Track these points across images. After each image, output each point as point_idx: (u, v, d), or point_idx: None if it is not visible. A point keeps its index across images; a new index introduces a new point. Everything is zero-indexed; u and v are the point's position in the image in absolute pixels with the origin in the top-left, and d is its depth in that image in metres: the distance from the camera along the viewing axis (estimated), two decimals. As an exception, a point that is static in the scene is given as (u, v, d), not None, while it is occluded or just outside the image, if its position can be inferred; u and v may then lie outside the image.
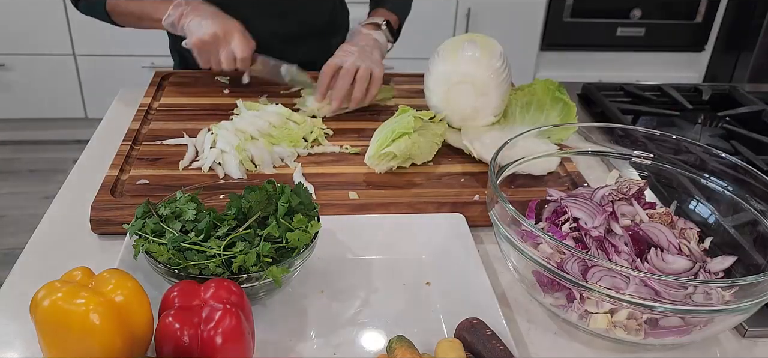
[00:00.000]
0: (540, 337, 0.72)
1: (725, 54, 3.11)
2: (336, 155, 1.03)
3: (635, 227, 0.76)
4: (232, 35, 1.11)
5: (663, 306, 0.62)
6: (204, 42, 1.10)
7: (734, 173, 0.80)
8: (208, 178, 0.94)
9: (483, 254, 0.83)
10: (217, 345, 0.58)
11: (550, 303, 0.71)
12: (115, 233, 0.84)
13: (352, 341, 0.69)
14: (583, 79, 1.41)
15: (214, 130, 1.01)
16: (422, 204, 0.90)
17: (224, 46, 1.11)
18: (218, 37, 1.10)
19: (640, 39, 3.03)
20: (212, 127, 1.03)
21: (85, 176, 0.96)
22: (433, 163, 1.01)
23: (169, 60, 1.45)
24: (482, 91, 1.03)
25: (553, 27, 2.93)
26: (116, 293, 0.59)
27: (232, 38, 1.11)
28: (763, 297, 0.62)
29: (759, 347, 0.73)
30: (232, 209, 0.73)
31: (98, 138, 1.10)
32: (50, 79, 2.77)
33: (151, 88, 1.21)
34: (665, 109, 1.30)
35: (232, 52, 1.11)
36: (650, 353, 0.71)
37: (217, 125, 1.03)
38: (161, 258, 0.67)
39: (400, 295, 0.76)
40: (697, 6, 2.99)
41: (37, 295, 0.58)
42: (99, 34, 2.68)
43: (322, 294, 0.75)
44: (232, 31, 1.11)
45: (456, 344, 0.64)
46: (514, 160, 0.85)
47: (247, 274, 0.66)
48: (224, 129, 1.00)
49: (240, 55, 1.11)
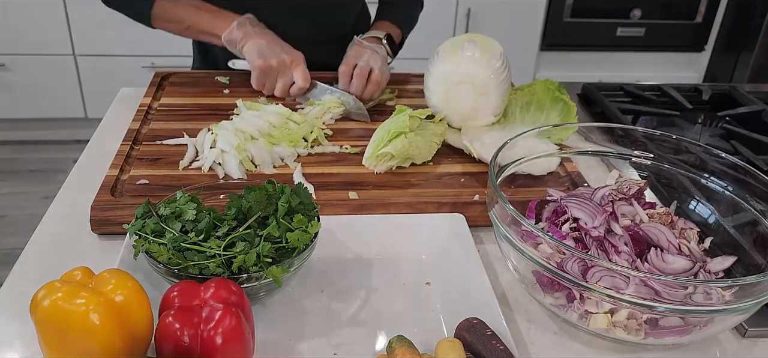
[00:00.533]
0: (540, 337, 0.72)
1: (725, 54, 3.11)
2: (336, 155, 1.03)
3: (635, 227, 0.76)
4: (297, 64, 1.16)
5: (663, 306, 0.62)
6: (270, 67, 1.15)
7: (734, 173, 0.80)
8: (208, 178, 0.94)
9: (483, 254, 0.83)
10: (217, 345, 0.58)
11: (550, 303, 0.71)
12: (115, 233, 0.84)
13: (352, 341, 0.69)
14: (583, 79, 1.41)
15: (214, 130, 1.02)
16: (422, 204, 0.90)
17: (285, 74, 1.16)
18: (285, 64, 1.15)
19: (640, 39, 3.03)
20: (212, 127, 1.04)
21: (85, 176, 0.96)
22: (433, 163, 1.01)
23: (169, 60, 1.46)
24: (482, 91, 1.03)
25: (553, 27, 2.93)
26: (116, 293, 0.59)
27: (297, 67, 1.16)
28: (763, 297, 0.62)
29: (759, 347, 0.73)
30: (232, 209, 0.73)
31: (98, 138, 1.10)
32: (50, 79, 2.77)
33: (151, 88, 1.21)
34: (665, 109, 1.30)
35: (291, 80, 1.16)
36: (650, 353, 0.71)
37: (217, 125, 1.03)
38: (161, 258, 0.67)
39: (400, 295, 0.76)
40: (697, 6, 2.99)
41: (37, 295, 0.58)
42: (99, 34, 2.68)
43: (322, 294, 0.75)
44: (298, 61, 1.17)
45: (456, 344, 0.64)
46: (514, 160, 0.84)
47: (247, 274, 0.66)
48: (224, 129, 1.01)
49: (301, 83, 1.16)
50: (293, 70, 1.16)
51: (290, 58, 1.16)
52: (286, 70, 1.16)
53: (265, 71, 1.15)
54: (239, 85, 1.25)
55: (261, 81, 1.17)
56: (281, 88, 1.17)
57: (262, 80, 1.17)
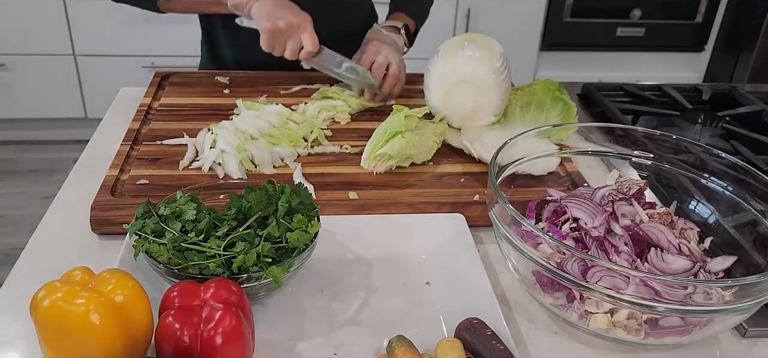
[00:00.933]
0: (540, 337, 0.72)
1: (725, 54, 3.11)
2: (336, 155, 1.03)
3: (635, 226, 0.76)
4: (305, 27, 1.14)
5: (663, 306, 0.62)
6: (278, 29, 1.12)
7: (734, 173, 0.80)
8: (208, 178, 0.94)
9: (483, 254, 0.83)
10: (217, 345, 0.58)
11: (550, 303, 0.71)
12: (115, 233, 0.84)
13: (352, 341, 0.69)
14: (583, 79, 1.41)
15: (214, 131, 1.01)
16: (422, 204, 0.90)
17: (295, 36, 1.14)
18: (293, 26, 1.13)
19: (640, 39, 3.03)
20: (212, 127, 1.03)
21: (85, 176, 0.96)
22: (433, 163, 1.01)
23: (169, 60, 1.46)
24: (482, 91, 1.03)
25: (553, 27, 2.93)
26: (116, 293, 0.59)
27: (305, 30, 1.14)
28: (763, 297, 0.62)
29: (759, 347, 0.73)
30: (232, 209, 0.73)
31: (98, 138, 1.09)
32: (50, 79, 2.77)
33: (151, 88, 1.21)
34: (665, 109, 1.30)
35: (300, 43, 1.14)
36: (650, 353, 0.71)
37: (217, 125, 1.03)
38: (161, 258, 0.67)
39: (400, 295, 0.76)
40: (697, 6, 2.99)
41: (36, 295, 0.58)
42: (99, 34, 2.68)
43: (321, 294, 0.75)
44: (306, 24, 1.14)
45: (456, 344, 0.64)
46: (514, 160, 0.84)
47: (247, 274, 0.66)
48: (224, 129, 1.00)
49: (309, 47, 1.13)
50: (301, 33, 1.14)
51: (298, 20, 1.13)
52: (294, 33, 1.13)
53: (274, 33, 1.13)
54: (239, 85, 1.25)
55: (270, 43, 1.15)
56: (291, 51, 1.14)
57: (272, 42, 1.14)
